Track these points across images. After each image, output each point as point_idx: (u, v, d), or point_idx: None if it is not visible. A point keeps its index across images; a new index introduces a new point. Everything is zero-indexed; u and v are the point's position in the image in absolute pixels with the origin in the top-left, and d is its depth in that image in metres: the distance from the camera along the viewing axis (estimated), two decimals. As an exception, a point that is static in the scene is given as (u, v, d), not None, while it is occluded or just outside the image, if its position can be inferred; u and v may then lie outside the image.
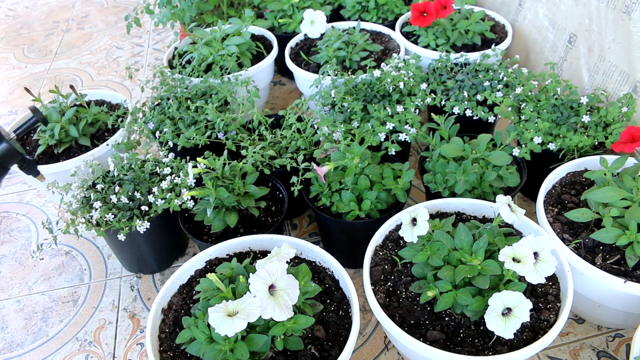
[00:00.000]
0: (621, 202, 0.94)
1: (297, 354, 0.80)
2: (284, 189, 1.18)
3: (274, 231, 1.08)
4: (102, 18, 2.61)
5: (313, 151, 1.19)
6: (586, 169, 1.12)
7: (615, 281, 0.87)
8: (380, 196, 1.09)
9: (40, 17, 2.68)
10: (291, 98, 1.85)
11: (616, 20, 1.24)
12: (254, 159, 1.16)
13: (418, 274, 0.88)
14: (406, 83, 1.33)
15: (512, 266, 0.75)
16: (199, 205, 1.10)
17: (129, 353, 1.11)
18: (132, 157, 1.20)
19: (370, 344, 1.08)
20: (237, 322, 0.70)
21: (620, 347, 1.03)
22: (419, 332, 0.84)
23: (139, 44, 2.33)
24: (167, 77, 1.43)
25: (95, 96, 1.55)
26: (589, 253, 0.95)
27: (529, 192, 1.33)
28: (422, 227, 0.84)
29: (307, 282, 0.83)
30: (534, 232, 0.96)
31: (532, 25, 1.61)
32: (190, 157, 1.20)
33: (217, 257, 1.00)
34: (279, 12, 1.82)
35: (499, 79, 1.34)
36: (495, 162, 1.08)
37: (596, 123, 1.19)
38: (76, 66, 2.21)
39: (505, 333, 0.73)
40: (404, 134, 1.19)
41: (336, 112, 1.29)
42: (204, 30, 1.60)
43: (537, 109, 1.23)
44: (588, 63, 1.36)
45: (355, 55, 1.54)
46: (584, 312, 1.06)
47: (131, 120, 1.33)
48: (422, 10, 1.52)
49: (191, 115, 1.31)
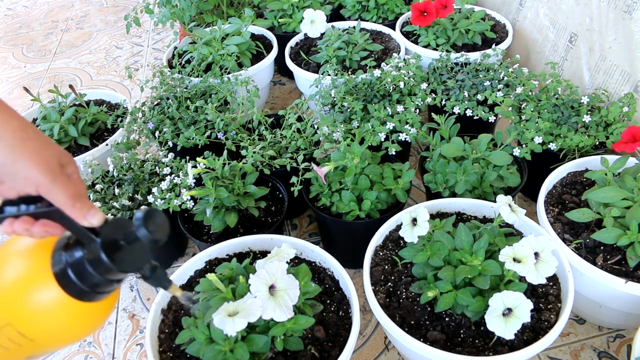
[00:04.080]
0: (622, 202, 0.94)
1: (297, 354, 0.80)
2: (284, 189, 1.17)
3: (274, 231, 1.07)
4: (101, 17, 2.61)
5: (313, 151, 1.19)
6: (587, 169, 1.12)
7: (616, 281, 0.87)
8: (381, 196, 1.08)
9: (39, 17, 2.68)
10: (291, 98, 1.85)
11: (617, 19, 1.23)
12: (254, 159, 1.16)
13: (418, 274, 0.88)
14: (406, 83, 1.32)
15: (513, 266, 0.75)
16: (198, 206, 1.09)
17: (129, 353, 1.11)
18: (132, 157, 1.20)
19: (371, 345, 1.07)
20: (238, 322, 0.69)
21: (621, 347, 1.03)
22: (419, 332, 0.84)
23: (139, 44, 2.33)
24: (166, 77, 1.42)
25: (95, 96, 1.55)
26: (590, 253, 0.95)
27: (529, 192, 1.33)
28: (422, 227, 0.84)
29: (307, 282, 0.82)
30: (535, 232, 0.95)
31: (532, 25, 1.61)
32: (190, 157, 1.20)
33: (216, 258, 1.00)
34: (279, 11, 1.81)
35: (499, 79, 1.34)
36: (495, 162, 1.08)
37: (597, 123, 1.18)
38: (75, 66, 2.20)
39: (506, 333, 0.73)
40: (404, 134, 1.19)
41: (336, 112, 1.29)
42: (203, 30, 1.60)
43: (538, 108, 1.23)
44: (589, 63, 1.36)
45: (355, 55, 1.54)
46: (585, 313, 1.05)
47: (131, 120, 1.33)
48: (423, 9, 1.52)
49: (191, 115, 1.31)
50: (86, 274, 0.54)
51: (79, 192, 0.53)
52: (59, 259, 0.55)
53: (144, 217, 0.52)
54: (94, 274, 0.54)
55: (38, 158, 0.51)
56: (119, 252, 0.54)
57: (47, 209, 0.53)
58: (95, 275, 0.54)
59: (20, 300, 0.53)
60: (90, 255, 0.54)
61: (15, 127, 0.51)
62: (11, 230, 0.54)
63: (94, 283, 0.54)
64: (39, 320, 0.54)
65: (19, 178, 0.51)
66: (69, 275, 0.54)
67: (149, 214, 0.52)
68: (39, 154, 0.51)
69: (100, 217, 0.54)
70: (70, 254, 0.55)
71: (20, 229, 0.53)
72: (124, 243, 0.55)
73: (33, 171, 0.51)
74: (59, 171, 0.52)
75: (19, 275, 0.54)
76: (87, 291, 0.55)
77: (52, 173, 0.52)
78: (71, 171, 0.54)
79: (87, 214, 0.53)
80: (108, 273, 0.54)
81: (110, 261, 0.53)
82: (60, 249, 0.56)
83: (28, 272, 0.54)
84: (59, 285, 0.54)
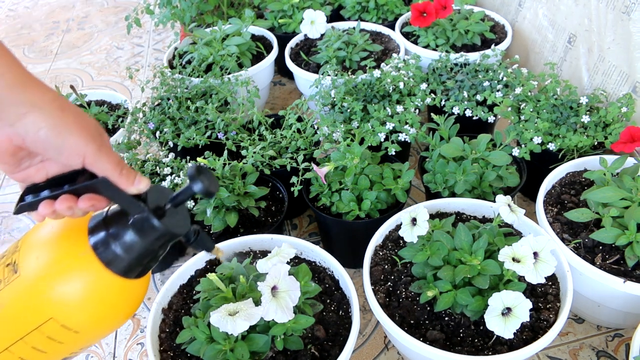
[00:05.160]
0: (621, 202, 0.94)
1: (297, 353, 0.81)
2: (284, 189, 1.18)
3: (274, 231, 1.08)
4: (102, 18, 2.61)
5: (313, 151, 1.20)
6: (586, 169, 1.13)
7: (614, 281, 0.87)
8: (380, 196, 1.09)
9: (41, 17, 2.69)
10: (291, 98, 1.85)
11: (616, 20, 1.24)
12: (254, 159, 1.16)
13: (418, 273, 0.88)
14: (406, 83, 1.33)
15: (512, 266, 0.75)
16: (199, 205, 1.10)
17: (129, 353, 1.11)
18: (133, 157, 1.20)
19: (370, 344, 1.08)
20: (239, 323, 0.70)
21: (619, 346, 1.03)
22: (419, 332, 0.84)
23: (139, 44, 2.34)
24: (167, 77, 1.43)
25: (96, 96, 1.55)
26: (589, 253, 0.95)
27: (528, 192, 1.33)
28: (422, 227, 0.84)
29: (307, 282, 0.83)
30: (534, 232, 0.96)
31: (531, 26, 1.61)
32: (190, 157, 1.20)
33: (217, 257, 1.00)
34: (279, 12, 1.82)
35: (498, 79, 1.34)
36: (495, 162, 1.08)
37: (596, 123, 1.19)
38: (76, 66, 2.21)
39: (505, 333, 0.73)
40: (404, 134, 1.19)
41: (336, 112, 1.29)
42: (204, 31, 1.61)
43: (537, 109, 1.23)
44: (588, 63, 1.37)
45: (355, 55, 1.54)
46: (584, 312, 1.06)
47: (131, 120, 1.33)
48: (422, 10, 1.52)
49: (191, 115, 1.31)
50: (134, 244, 0.53)
51: (121, 159, 0.52)
52: (100, 236, 0.53)
53: (196, 172, 0.51)
54: (142, 242, 0.53)
55: (81, 128, 0.49)
56: (166, 217, 0.53)
57: (93, 182, 0.50)
58: (143, 244, 0.53)
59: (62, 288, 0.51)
60: (139, 223, 0.52)
61: (52, 98, 0.49)
62: (51, 211, 0.51)
63: (141, 253, 0.53)
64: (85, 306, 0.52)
65: (65, 150, 0.48)
66: (114, 250, 0.52)
67: (200, 169, 0.52)
68: (80, 124, 0.49)
69: (147, 183, 0.53)
70: (114, 228, 0.53)
71: (62, 207, 0.50)
72: (169, 207, 0.54)
73: (79, 142, 0.48)
74: (100, 140, 0.50)
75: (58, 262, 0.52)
76: (133, 265, 0.53)
77: (97, 142, 0.49)
78: (107, 139, 0.52)
79: (134, 180, 0.52)
80: (157, 241, 0.53)
81: (161, 224, 0.52)
82: (98, 226, 0.54)
83: (67, 256, 0.52)
84: (103, 265, 0.52)
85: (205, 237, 0.59)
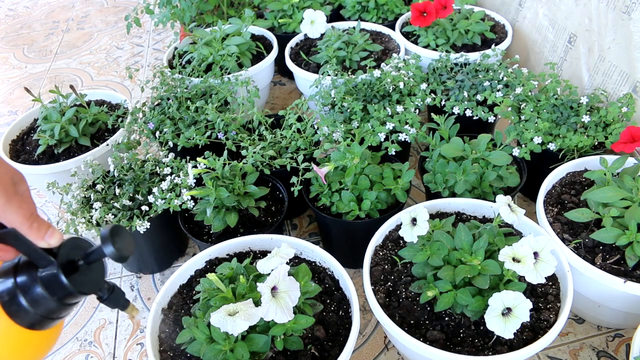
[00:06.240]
0: (621, 202, 0.94)
1: (297, 353, 0.81)
2: (284, 189, 1.18)
3: (274, 231, 1.08)
4: (102, 18, 2.61)
5: (313, 151, 1.19)
6: (586, 169, 1.12)
7: (615, 281, 0.87)
8: (380, 196, 1.09)
9: (40, 17, 2.68)
10: (291, 98, 1.85)
11: (616, 20, 1.24)
12: (254, 159, 1.16)
13: (418, 274, 0.88)
14: (406, 83, 1.33)
15: (512, 266, 0.75)
16: (199, 205, 1.10)
17: (129, 353, 1.11)
18: (132, 157, 1.20)
19: (370, 344, 1.08)
20: (239, 323, 0.70)
21: (620, 347, 1.03)
22: (419, 332, 0.84)
23: (139, 44, 2.33)
24: (167, 77, 1.43)
25: (95, 96, 1.55)
26: (589, 253, 0.95)
27: (529, 192, 1.33)
28: (422, 227, 0.84)
29: (307, 282, 0.83)
30: (534, 232, 0.96)
31: (532, 25, 1.61)
32: (190, 157, 1.20)
33: (217, 257, 1.00)
34: (279, 12, 1.82)
35: (499, 79, 1.34)
36: (495, 162, 1.08)
37: (596, 123, 1.19)
38: (76, 66, 2.21)
39: (505, 333, 0.73)
40: (404, 134, 1.19)
41: (336, 112, 1.29)
42: (204, 30, 1.60)
43: (537, 109, 1.23)
44: (588, 63, 1.36)
45: (355, 55, 1.54)
46: (584, 312, 1.06)
47: (131, 120, 1.33)
48: (422, 10, 1.52)
49: (191, 115, 1.31)
50: (41, 299, 0.50)
51: (34, 211, 0.50)
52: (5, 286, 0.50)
53: (110, 234, 0.49)
54: (50, 298, 0.50)
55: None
56: (77, 274, 0.51)
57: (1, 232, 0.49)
58: (51, 300, 0.50)
59: None
60: (47, 278, 0.50)
61: None
62: None
63: (49, 309, 0.51)
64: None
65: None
66: (19, 302, 0.50)
67: (115, 230, 0.50)
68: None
69: (59, 237, 0.51)
70: (21, 279, 0.50)
71: None
72: (82, 263, 0.52)
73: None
74: (12, 190, 0.49)
75: None
76: (39, 318, 0.51)
77: (7, 192, 0.48)
78: (23, 189, 0.51)
79: (45, 234, 0.50)
80: (66, 296, 0.51)
81: (69, 283, 0.50)
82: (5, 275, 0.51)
83: None
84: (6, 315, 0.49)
85: (120, 295, 0.56)
